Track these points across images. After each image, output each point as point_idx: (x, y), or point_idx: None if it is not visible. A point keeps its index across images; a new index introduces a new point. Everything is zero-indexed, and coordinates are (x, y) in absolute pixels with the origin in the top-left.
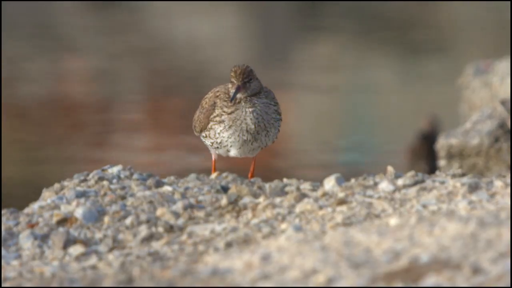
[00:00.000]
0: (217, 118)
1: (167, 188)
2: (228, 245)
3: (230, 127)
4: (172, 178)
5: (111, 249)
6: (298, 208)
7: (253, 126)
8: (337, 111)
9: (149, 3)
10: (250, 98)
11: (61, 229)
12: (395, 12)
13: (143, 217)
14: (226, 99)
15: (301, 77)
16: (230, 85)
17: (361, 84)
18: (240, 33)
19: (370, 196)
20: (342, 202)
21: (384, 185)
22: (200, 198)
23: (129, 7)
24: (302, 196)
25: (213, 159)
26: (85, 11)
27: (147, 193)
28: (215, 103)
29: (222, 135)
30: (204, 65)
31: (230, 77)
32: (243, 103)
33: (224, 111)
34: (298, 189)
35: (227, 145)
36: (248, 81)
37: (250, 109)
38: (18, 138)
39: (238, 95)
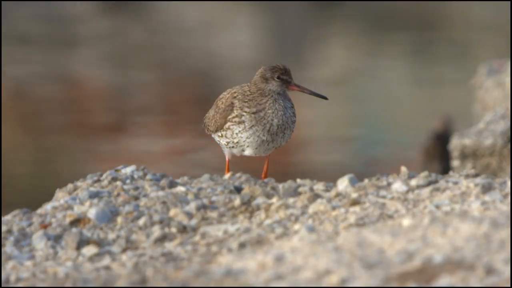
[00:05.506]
0: (236, 119)
1: (180, 189)
2: (242, 245)
3: (251, 127)
4: (185, 178)
5: (124, 250)
6: (311, 209)
7: (276, 128)
8: (350, 111)
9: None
10: (283, 100)
11: (74, 230)
12: (408, 11)
13: (156, 217)
14: (247, 100)
15: (314, 77)
16: (275, 83)
17: (373, 84)
18: (253, 34)
19: (383, 197)
20: (355, 202)
21: (398, 186)
22: (214, 198)
23: (140, 9)
24: (315, 196)
25: (227, 159)
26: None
27: (160, 193)
28: (232, 103)
29: (241, 136)
30: (218, 66)
31: (279, 75)
32: (276, 105)
33: (245, 111)
34: (311, 189)
35: (244, 145)
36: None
37: (281, 112)
38: (30, 137)
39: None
